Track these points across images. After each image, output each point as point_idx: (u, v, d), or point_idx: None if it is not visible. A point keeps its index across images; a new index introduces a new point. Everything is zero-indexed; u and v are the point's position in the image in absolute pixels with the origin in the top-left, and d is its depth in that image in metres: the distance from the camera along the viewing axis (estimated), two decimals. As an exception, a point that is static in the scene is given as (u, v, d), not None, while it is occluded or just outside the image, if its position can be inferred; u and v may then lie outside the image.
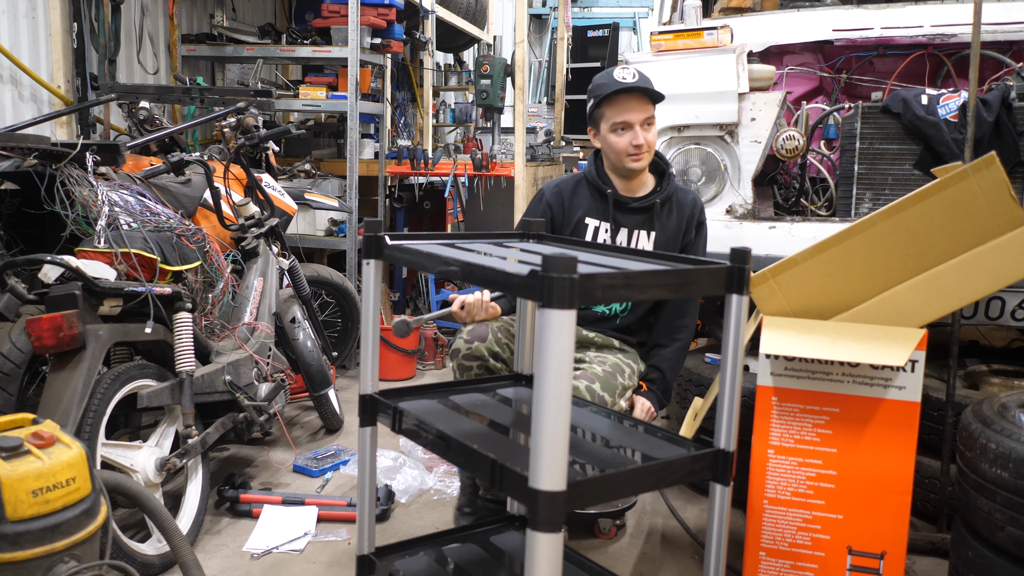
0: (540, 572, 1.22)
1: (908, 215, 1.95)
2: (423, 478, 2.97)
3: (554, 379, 1.19)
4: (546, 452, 1.20)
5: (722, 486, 1.51)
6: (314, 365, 3.36)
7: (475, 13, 7.33)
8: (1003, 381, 2.77)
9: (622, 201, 2.47)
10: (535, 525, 1.21)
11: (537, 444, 1.21)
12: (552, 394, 1.19)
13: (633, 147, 2.35)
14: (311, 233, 4.54)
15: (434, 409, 1.75)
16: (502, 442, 1.59)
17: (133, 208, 2.57)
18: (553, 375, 1.19)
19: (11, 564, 1.41)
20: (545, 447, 1.20)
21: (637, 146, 2.35)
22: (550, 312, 1.18)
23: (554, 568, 1.23)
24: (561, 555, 1.24)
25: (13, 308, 2.33)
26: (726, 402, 1.50)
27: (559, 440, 1.20)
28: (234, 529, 2.63)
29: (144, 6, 4.57)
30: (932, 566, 2.45)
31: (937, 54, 3.03)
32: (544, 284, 1.19)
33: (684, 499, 2.94)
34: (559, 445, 1.20)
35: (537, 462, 1.21)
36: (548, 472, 1.21)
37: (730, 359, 1.48)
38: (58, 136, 3.79)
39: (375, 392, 1.70)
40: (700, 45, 2.85)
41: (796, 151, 2.77)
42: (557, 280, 1.18)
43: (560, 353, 1.19)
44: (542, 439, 1.20)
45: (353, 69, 4.39)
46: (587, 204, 2.49)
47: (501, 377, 2.12)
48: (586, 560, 1.90)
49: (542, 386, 1.20)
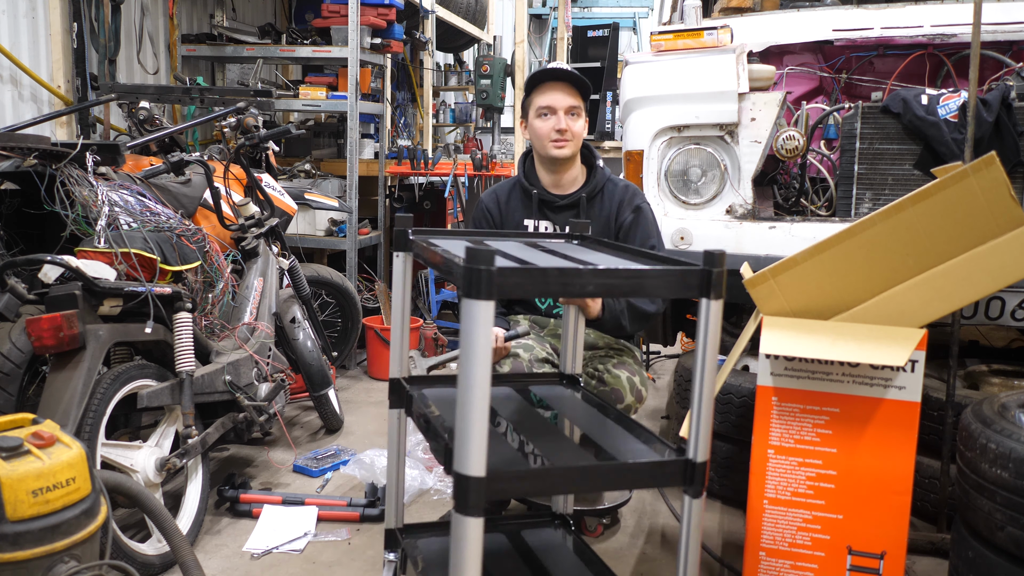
0: (460, 553, 1.28)
1: (908, 215, 1.95)
2: (423, 478, 2.97)
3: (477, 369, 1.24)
4: (472, 439, 1.26)
5: (690, 497, 1.43)
6: (314, 365, 3.36)
7: (475, 13, 7.33)
8: (1003, 381, 2.77)
9: (548, 200, 2.51)
10: (459, 508, 1.28)
11: (462, 431, 1.26)
12: (475, 384, 1.25)
13: (556, 132, 2.40)
14: (311, 233, 4.53)
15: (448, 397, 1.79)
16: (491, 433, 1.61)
17: (133, 208, 2.57)
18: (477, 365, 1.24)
19: (11, 564, 1.41)
20: (471, 434, 1.26)
21: (560, 131, 2.40)
22: (469, 302, 1.24)
23: (475, 551, 1.28)
24: (481, 538, 1.29)
25: (13, 308, 2.33)
26: (698, 411, 1.42)
27: (479, 428, 1.26)
28: (234, 529, 2.63)
29: (144, 6, 4.58)
30: (932, 566, 2.45)
31: (937, 54, 3.02)
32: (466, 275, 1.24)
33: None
34: (479, 433, 1.26)
35: (463, 448, 1.27)
36: (472, 459, 1.27)
37: (700, 366, 1.41)
38: (58, 136, 3.79)
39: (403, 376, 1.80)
40: (700, 45, 2.85)
41: (796, 151, 2.76)
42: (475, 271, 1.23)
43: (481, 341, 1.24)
44: (467, 427, 1.26)
45: (353, 69, 4.39)
46: (523, 204, 2.54)
47: (543, 375, 2.13)
48: (592, 555, 1.90)
49: (467, 376, 1.25)
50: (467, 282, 1.23)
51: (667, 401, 4.01)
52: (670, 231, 2.85)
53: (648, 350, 4.59)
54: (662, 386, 4.36)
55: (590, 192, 2.49)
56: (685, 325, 3.42)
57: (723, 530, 2.72)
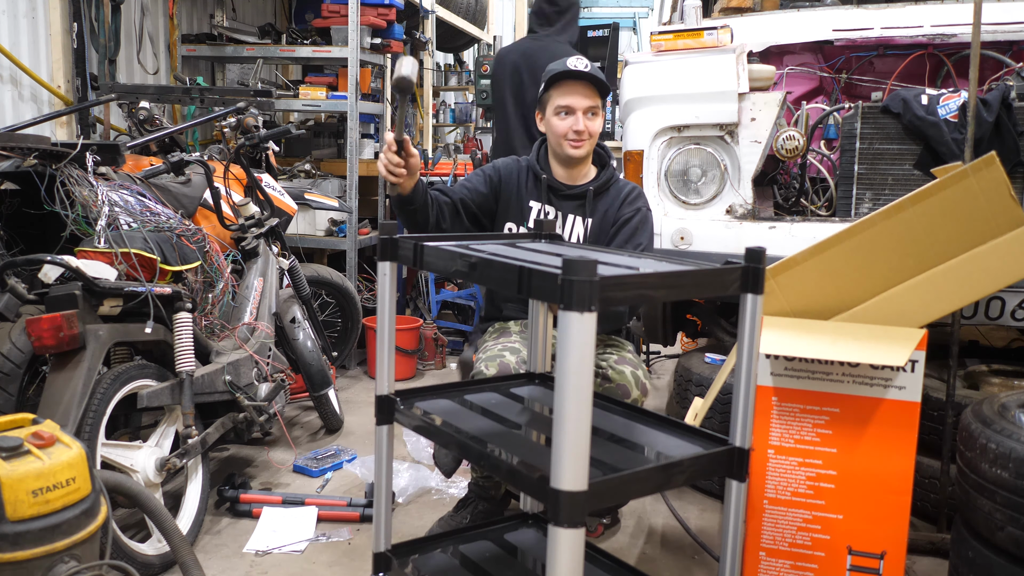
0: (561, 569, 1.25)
1: (908, 215, 1.95)
2: (423, 478, 2.97)
3: (575, 380, 1.21)
4: (567, 453, 1.22)
5: (738, 482, 1.52)
6: (314, 365, 3.36)
7: (475, 13, 7.34)
8: (1003, 381, 2.77)
9: (555, 187, 2.52)
10: (557, 522, 1.24)
11: (558, 445, 1.22)
12: (573, 396, 1.21)
13: (573, 132, 2.41)
14: (311, 233, 4.53)
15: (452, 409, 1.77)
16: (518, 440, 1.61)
17: (133, 208, 2.57)
18: (574, 377, 1.21)
19: (11, 564, 1.41)
20: (566, 448, 1.22)
21: (577, 132, 2.41)
22: (570, 315, 1.20)
23: (575, 566, 1.25)
24: (582, 552, 1.26)
25: (13, 308, 2.33)
26: (742, 400, 1.52)
27: (580, 441, 1.22)
28: (234, 529, 2.63)
29: (144, 6, 4.57)
30: (932, 566, 2.45)
31: (937, 54, 3.03)
32: (566, 287, 1.20)
33: (684, 499, 2.94)
34: (580, 446, 1.22)
35: (559, 463, 1.23)
36: (570, 473, 1.23)
37: (745, 358, 1.49)
38: (58, 136, 3.79)
39: (391, 392, 1.72)
40: (700, 45, 2.85)
41: (796, 151, 2.77)
42: (577, 283, 1.19)
43: (581, 355, 1.20)
44: (563, 440, 1.22)
45: (353, 69, 4.39)
46: (531, 186, 2.55)
47: (515, 376, 2.12)
48: (603, 556, 1.90)
49: (563, 387, 1.21)
50: (568, 295, 1.20)
51: (667, 401, 4.01)
52: (670, 231, 2.85)
53: (648, 350, 4.59)
54: (661, 386, 4.35)
55: (599, 187, 2.51)
56: (685, 325, 3.42)
57: (723, 530, 2.72)
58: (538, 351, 2.04)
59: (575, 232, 2.53)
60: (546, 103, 2.47)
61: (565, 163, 2.51)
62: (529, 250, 1.73)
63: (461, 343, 4.95)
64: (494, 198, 2.55)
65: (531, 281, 1.31)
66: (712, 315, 3.24)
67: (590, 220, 2.51)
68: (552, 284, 1.23)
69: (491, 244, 1.83)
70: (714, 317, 3.24)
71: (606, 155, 2.57)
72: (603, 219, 2.52)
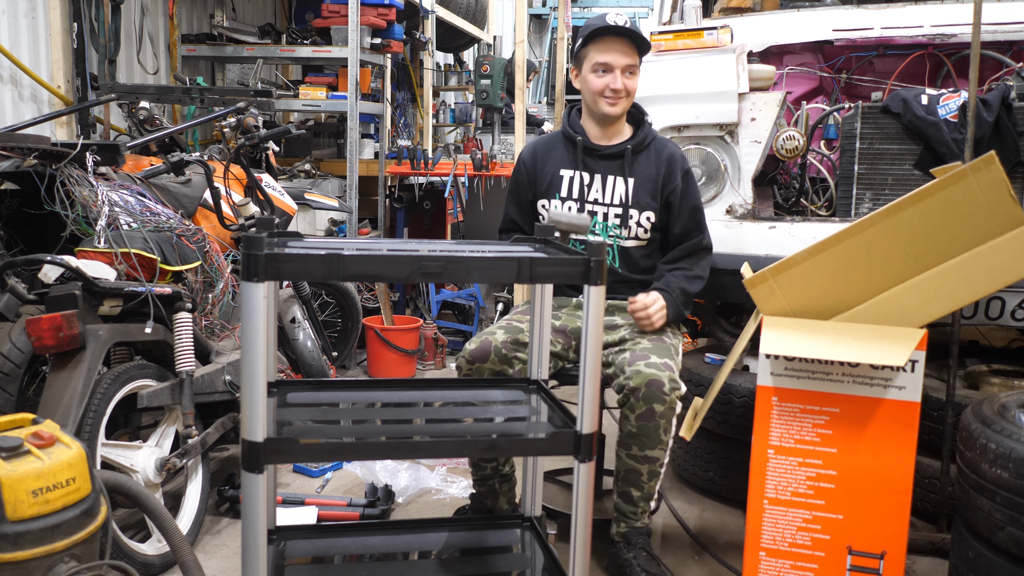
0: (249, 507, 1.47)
1: (908, 215, 1.95)
2: (423, 478, 2.97)
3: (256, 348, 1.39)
4: (254, 409, 1.41)
5: (583, 463, 1.58)
6: (314, 365, 3.36)
7: (475, 13, 7.34)
8: (1003, 381, 2.77)
9: (592, 148, 2.46)
10: (247, 466, 1.45)
11: (247, 400, 1.41)
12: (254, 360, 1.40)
13: (611, 91, 2.36)
14: (311, 233, 4.53)
15: None
16: None
17: (133, 208, 2.57)
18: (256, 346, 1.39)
19: (11, 564, 1.41)
20: (252, 404, 1.41)
21: (615, 90, 2.36)
22: (247, 284, 1.38)
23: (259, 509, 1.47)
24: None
25: (13, 308, 2.33)
26: (587, 388, 1.57)
27: (258, 398, 1.41)
28: (234, 529, 2.63)
29: (144, 6, 4.58)
30: (932, 566, 2.45)
31: (937, 54, 3.02)
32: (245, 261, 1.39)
33: (684, 499, 2.94)
34: (258, 403, 1.41)
35: (249, 416, 1.41)
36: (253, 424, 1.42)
37: (590, 348, 1.55)
38: (58, 136, 3.79)
39: None
40: (700, 45, 2.85)
41: (796, 151, 2.76)
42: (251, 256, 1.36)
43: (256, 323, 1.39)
44: (248, 397, 1.41)
45: (353, 69, 4.39)
46: (561, 156, 2.49)
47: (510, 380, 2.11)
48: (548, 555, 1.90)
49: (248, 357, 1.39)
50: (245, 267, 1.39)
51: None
52: (670, 231, 2.84)
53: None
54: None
55: (636, 145, 2.44)
56: (685, 325, 3.42)
57: (723, 530, 2.72)
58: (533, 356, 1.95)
59: (616, 192, 2.44)
60: (583, 59, 2.39)
61: (600, 122, 2.44)
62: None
63: (461, 343, 4.95)
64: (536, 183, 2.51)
65: None
66: (712, 315, 3.24)
67: (631, 180, 2.43)
68: None
69: None
70: (714, 317, 3.24)
71: (640, 113, 2.50)
72: (647, 179, 2.43)
